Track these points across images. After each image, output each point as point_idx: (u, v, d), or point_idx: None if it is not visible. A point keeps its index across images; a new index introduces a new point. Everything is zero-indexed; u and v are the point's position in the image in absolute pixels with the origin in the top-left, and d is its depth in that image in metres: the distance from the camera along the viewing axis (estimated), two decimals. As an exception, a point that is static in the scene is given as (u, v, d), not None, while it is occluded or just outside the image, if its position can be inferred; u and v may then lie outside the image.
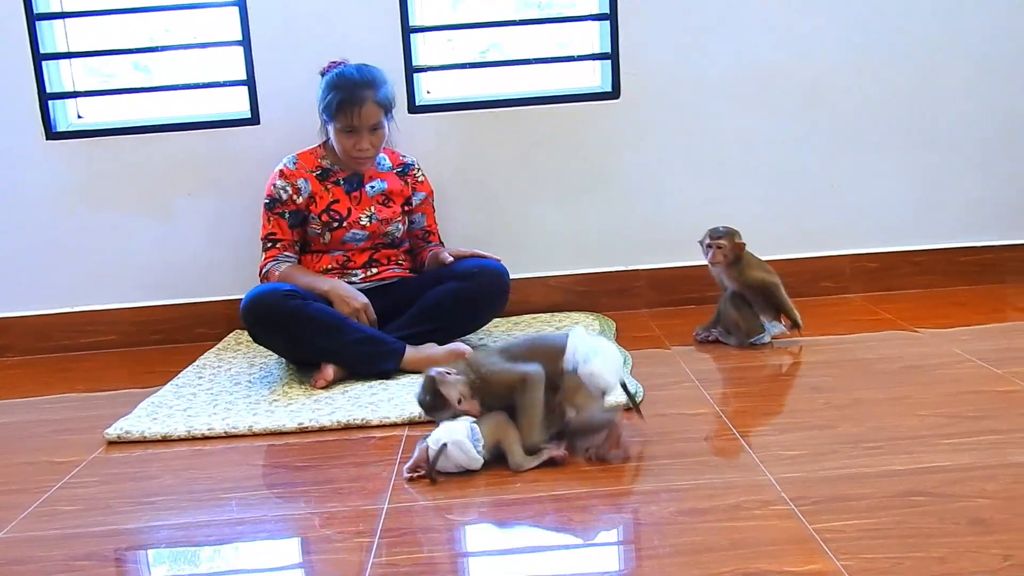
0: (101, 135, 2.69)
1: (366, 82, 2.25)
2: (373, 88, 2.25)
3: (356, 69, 2.29)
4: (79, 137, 2.69)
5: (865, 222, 2.78)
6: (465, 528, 1.43)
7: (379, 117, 2.27)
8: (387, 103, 2.30)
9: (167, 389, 2.20)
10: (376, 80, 2.27)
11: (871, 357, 2.15)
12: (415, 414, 1.88)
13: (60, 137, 2.68)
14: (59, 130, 2.69)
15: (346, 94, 2.23)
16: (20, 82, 2.63)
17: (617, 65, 2.67)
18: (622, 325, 2.57)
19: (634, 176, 2.73)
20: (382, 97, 2.27)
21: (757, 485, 1.49)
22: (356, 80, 2.25)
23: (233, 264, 2.70)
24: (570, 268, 2.78)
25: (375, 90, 2.26)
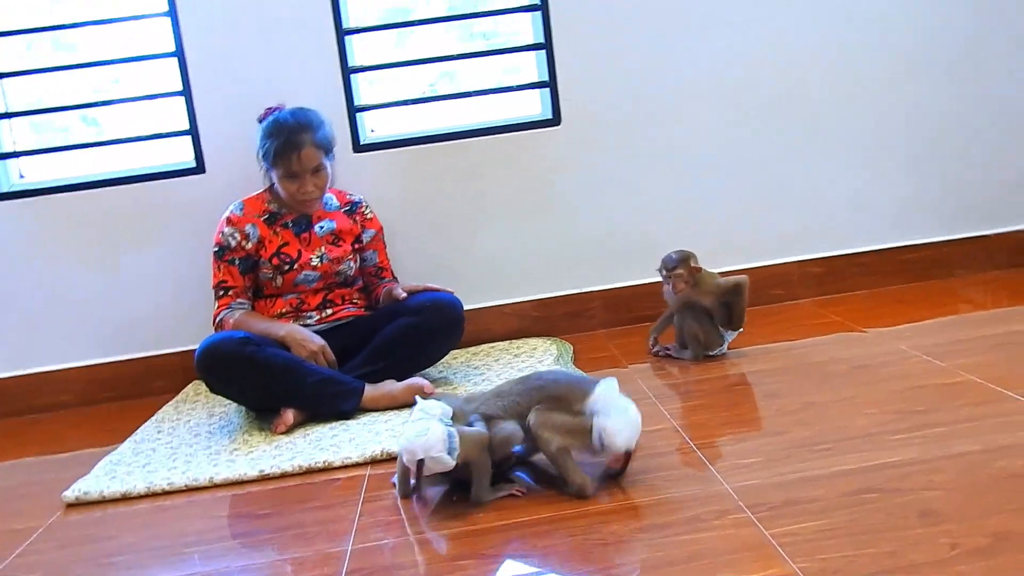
0: (45, 193, 2.67)
1: (302, 126, 2.26)
2: (310, 131, 2.27)
3: (291, 114, 2.30)
4: (22, 197, 2.67)
5: (809, 228, 2.85)
6: (430, 564, 1.44)
7: (319, 159, 2.28)
8: (326, 144, 2.31)
9: (125, 446, 2.17)
10: (313, 123, 2.29)
11: (821, 360, 2.20)
12: (377, 453, 1.89)
13: (3, 198, 2.66)
14: (1, 191, 2.67)
15: (283, 140, 2.24)
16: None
17: (556, 92, 2.73)
18: (579, 347, 2.60)
19: (580, 199, 2.78)
20: (320, 139, 2.28)
21: (715, 496, 1.52)
22: (292, 125, 2.26)
23: (186, 314, 2.69)
24: (525, 294, 2.82)
25: (312, 133, 2.27)
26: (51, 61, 2.71)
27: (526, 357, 2.52)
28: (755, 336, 2.47)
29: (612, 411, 1.56)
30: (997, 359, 2.03)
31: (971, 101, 2.83)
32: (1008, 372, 1.93)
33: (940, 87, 2.82)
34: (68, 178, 2.72)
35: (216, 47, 2.64)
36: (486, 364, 2.50)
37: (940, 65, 2.81)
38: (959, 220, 2.89)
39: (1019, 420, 1.67)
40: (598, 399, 1.57)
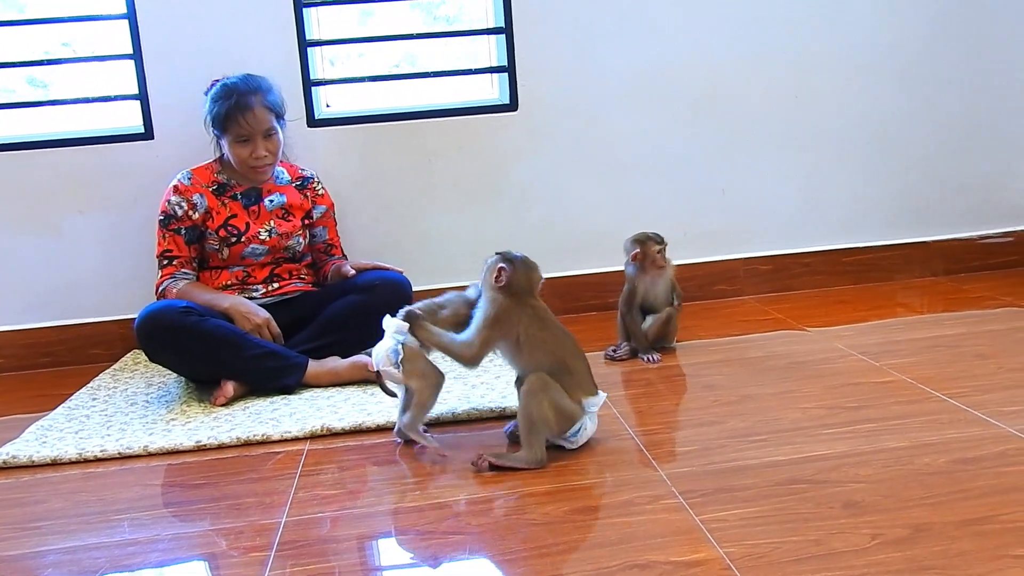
0: (-15, 152, 2.59)
1: (251, 89, 2.24)
2: (260, 93, 2.25)
3: (240, 78, 2.28)
4: (-40, 154, 2.58)
5: (756, 225, 2.90)
6: (362, 539, 1.43)
7: (271, 121, 2.26)
8: (276, 107, 2.29)
9: (58, 412, 2.13)
10: (262, 86, 2.27)
11: (760, 355, 2.24)
12: (317, 428, 1.87)
13: (-60, 154, 2.57)
14: (-61, 147, 2.58)
15: (233, 102, 2.22)
16: None
17: (514, 78, 2.73)
18: (526, 332, 2.61)
19: (532, 185, 2.79)
20: (271, 101, 2.26)
21: (649, 481, 1.54)
22: (241, 88, 2.24)
23: (128, 282, 2.63)
24: (472, 278, 2.78)
25: (263, 95, 2.25)
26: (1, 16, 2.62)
27: (472, 340, 2.51)
28: (697, 330, 2.50)
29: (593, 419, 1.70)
30: (927, 360, 2.09)
31: (918, 108, 2.90)
32: (937, 373, 1.98)
33: (888, 93, 2.88)
34: (11, 136, 2.64)
35: (169, 11, 2.58)
36: (432, 345, 2.49)
37: (889, 71, 2.87)
38: (901, 226, 2.96)
39: (944, 419, 1.72)
40: (596, 404, 1.69)
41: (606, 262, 2.82)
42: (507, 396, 1.98)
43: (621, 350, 2.31)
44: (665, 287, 2.34)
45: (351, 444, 1.84)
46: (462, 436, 1.83)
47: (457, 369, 2.19)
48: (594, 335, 2.51)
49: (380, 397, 2.04)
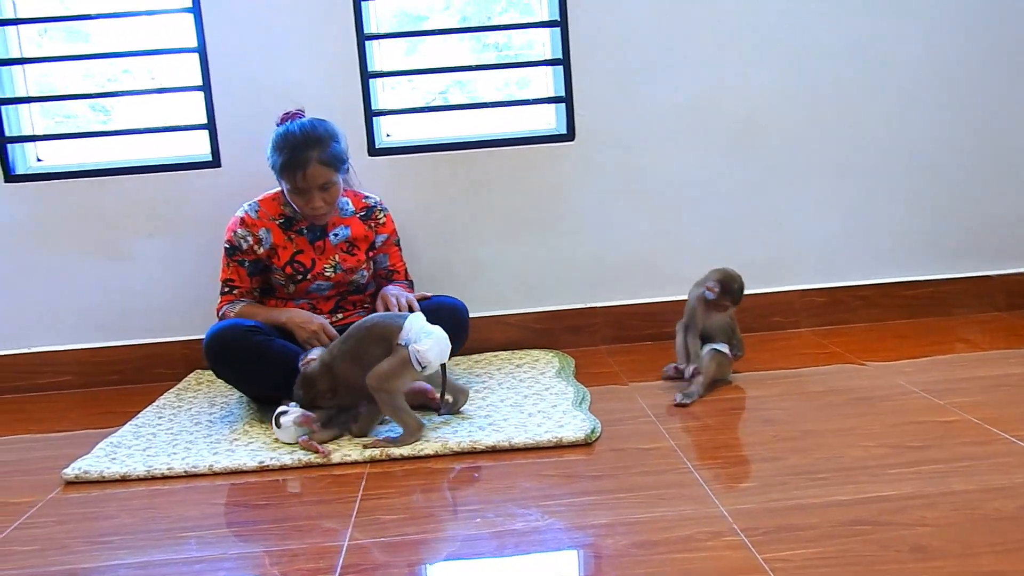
0: (61, 177, 2.69)
1: (309, 142, 2.19)
2: (318, 147, 2.19)
3: (300, 128, 2.22)
4: (39, 179, 2.68)
5: (810, 257, 2.87)
6: (424, 565, 1.44)
7: (327, 177, 2.21)
8: (334, 161, 2.22)
9: (126, 429, 2.18)
10: (322, 139, 2.21)
11: (820, 390, 2.21)
12: (376, 453, 1.90)
13: (19, 180, 2.67)
14: (18, 172, 2.68)
15: (289, 156, 2.18)
16: (-22, 125, 2.64)
17: (571, 108, 2.75)
18: (581, 362, 2.61)
19: (588, 215, 2.80)
20: (328, 156, 2.20)
21: (709, 517, 1.53)
22: (299, 141, 2.19)
23: (192, 305, 2.69)
24: (528, 306, 2.83)
25: (320, 150, 2.19)
26: (65, 50, 2.74)
27: (528, 368, 2.53)
28: (754, 362, 2.48)
29: (422, 336, 1.93)
30: (993, 400, 2.04)
31: (974, 136, 2.84)
32: (1003, 414, 1.94)
33: (943, 121, 2.83)
34: (85, 164, 2.73)
35: (238, 45, 2.65)
36: (488, 372, 2.51)
37: (942, 99, 2.82)
38: (960, 259, 2.90)
39: (1013, 462, 1.68)
40: (410, 329, 1.94)
41: (659, 292, 2.81)
42: (564, 425, 1.98)
43: (683, 370, 2.30)
44: (723, 322, 2.33)
45: (409, 469, 1.85)
46: (519, 465, 1.84)
47: (512, 398, 2.22)
48: (648, 365, 2.51)
49: (437, 424, 2.06)
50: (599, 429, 1.97)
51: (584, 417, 2.04)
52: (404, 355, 1.93)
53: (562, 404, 2.15)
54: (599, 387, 2.34)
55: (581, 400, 2.19)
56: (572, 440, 1.90)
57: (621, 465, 1.79)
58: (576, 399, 2.19)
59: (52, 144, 2.78)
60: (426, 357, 1.93)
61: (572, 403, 2.15)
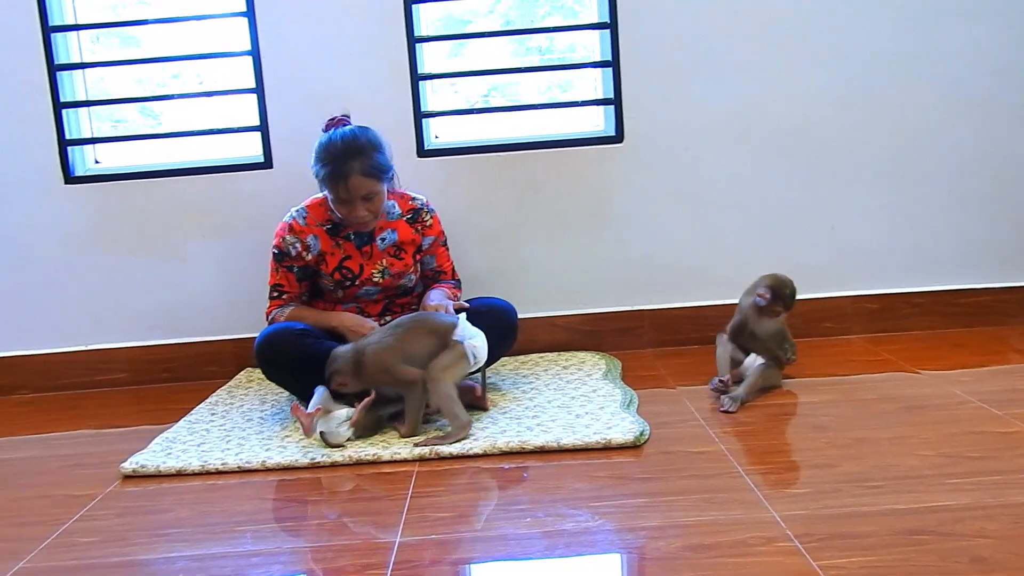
0: (118, 179, 2.76)
1: (351, 153, 2.17)
2: (360, 158, 2.18)
3: (342, 138, 2.21)
4: (96, 181, 2.76)
5: (865, 263, 2.83)
6: (476, 563, 1.46)
7: (369, 187, 2.20)
8: (376, 171, 2.20)
9: (180, 425, 2.23)
10: (364, 149, 2.19)
11: (872, 397, 2.18)
12: (425, 451, 1.92)
13: (78, 181, 2.75)
14: (77, 174, 2.76)
15: (331, 168, 2.18)
16: (42, 129, 2.72)
17: (620, 110, 2.75)
18: (627, 364, 2.61)
19: (636, 217, 2.79)
20: (370, 167, 2.19)
21: (762, 522, 1.52)
22: (340, 153, 2.18)
23: (244, 304, 2.74)
24: (575, 308, 2.83)
25: (362, 161, 2.18)
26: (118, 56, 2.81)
27: (575, 370, 2.53)
28: (804, 368, 2.45)
29: (473, 334, 2.07)
30: (1054, 410, 2.00)
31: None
32: (1066, 424, 1.90)
33: (1002, 126, 2.77)
34: (140, 165, 2.80)
35: (291, 48, 2.70)
36: (534, 373, 2.52)
37: (1001, 103, 2.76)
38: (1018, 267, 2.84)
39: (1076, 473, 1.64)
40: (463, 328, 2.06)
41: (707, 296, 2.80)
42: (613, 427, 1.98)
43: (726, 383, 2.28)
44: (774, 328, 2.31)
45: (458, 468, 1.87)
46: (567, 466, 1.84)
47: (560, 399, 2.22)
48: (695, 369, 2.50)
49: (485, 424, 2.08)
50: (648, 432, 1.97)
51: (633, 419, 2.03)
52: (461, 350, 2.03)
53: (610, 406, 2.15)
54: (646, 390, 2.34)
55: (629, 402, 2.18)
56: (621, 442, 1.90)
57: (671, 468, 1.79)
58: (624, 401, 2.19)
59: (108, 148, 2.85)
60: (480, 352, 2.06)
61: (620, 405, 2.15)
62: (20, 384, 2.80)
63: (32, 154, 2.73)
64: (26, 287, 2.78)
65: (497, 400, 2.27)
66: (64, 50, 2.75)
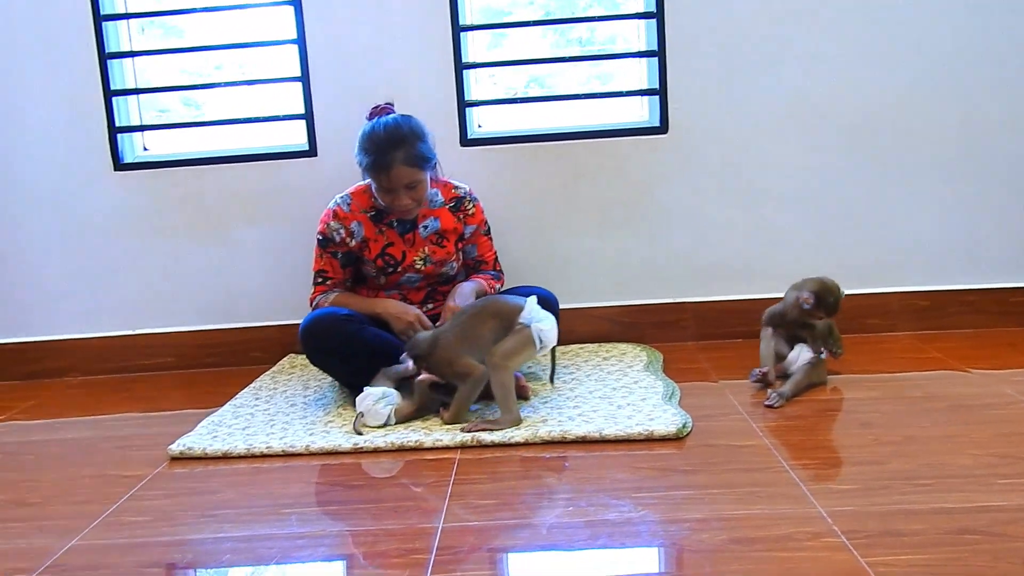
0: (165, 166, 2.81)
1: (394, 143, 2.19)
2: (403, 148, 2.19)
3: (385, 127, 2.23)
4: (145, 168, 2.81)
5: (915, 259, 2.78)
6: (518, 550, 1.46)
7: (412, 176, 2.22)
8: (419, 160, 2.22)
9: (225, 409, 2.27)
10: (407, 139, 2.21)
11: (920, 395, 2.15)
12: (467, 439, 1.93)
13: (127, 168, 2.80)
14: (126, 161, 2.81)
15: (374, 158, 2.20)
16: (92, 116, 2.77)
17: (666, 100, 2.73)
18: (669, 357, 2.60)
19: (680, 209, 2.78)
20: (413, 156, 2.20)
21: (808, 517, 1.50)
22: (383, 142, 2.20)
23: (288, 291, 2.78)
24: (616, 299, 2.83)
25: (405, 150, 2.19)
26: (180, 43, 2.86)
27: (615, 361, 2.53)
28: (850, 365, 2.42)
29: (542, 317, 2.04)
30: (1112, 411, 1.95)
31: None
32: (1124, 425, 1.85)
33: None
34: (187, 153, 2.84)
35: (336, 36, 2.72)
36: (575, 364, 2.52)
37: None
38: (1076, 265, 2.78)
39: None
40: (531, 310, 2.04)
41: (751, 289, 2.78)
42: (655, 419, 1.98)
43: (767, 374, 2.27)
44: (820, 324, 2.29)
45: (500, 456, 1.88)
46: (609, 456, 1.84)
47: (601, 390, 2.22)
48: (739, 363, 2.48)
49: (526, 412, 2.08)
50: (690, 424, 1.96)
51: (675, 411, 2.03)
52: (528, 334, 2.01)
53: (652, 398, 2.14)
54: (689, 383, 2.33)
55: (671, 395, 2.18)
56: (663, 434, 1.90)
57: (714, 461, 1.78)
58: (666, 393, 2.18)
59: (154, 137, 2.90)
60: (547, 336, 2.03)
61: (662, 397, 2.15)
62: (71, 367, 2.87)
63: (84, 141, 2.79)
64: (77, 272, 2.85)
65: (538, 389, 2.28)
66: (115, 39, 2.80)
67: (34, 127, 2.79)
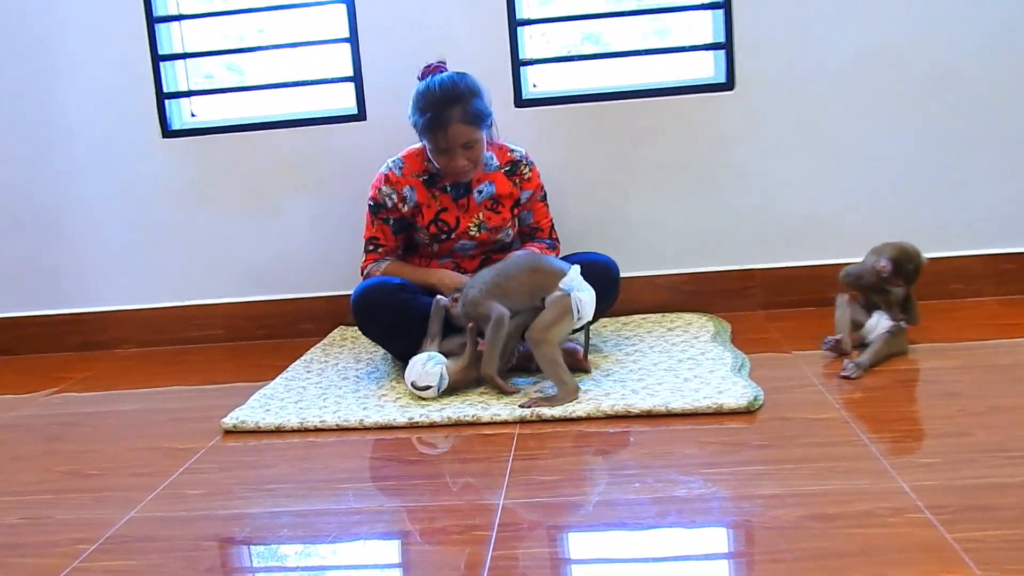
0: (213, 133, 2.85)
1: (450, 100, 2.19)
2: (459, 105, 2.20)
3: (440, 84, 2.23)
4: (193, 135, 2.85)
5: (1000, 220, 2.69)
6: (582, 528, 1.47)
7: (469, 135, 2.22)
8: (476, 118, 2.22)
9: (277, 382, 2.31)
10: (463, 95, 2.21)
11: (1008, 363, 2.09)
12: (526, 413, 1.93)
13: (175, 135, 2.85)
14: (174, 128, 2.86)
15: (430, 116, 2.20)
16: (140, 82, 2.82)
17: (732, 55, 2.67)
18: (737, 327, 2.57)
19: (747, 170, 2.73)
20: (470, 114, 2.21)
21: (889, 492, 1.48)
22: (439, 100, 2.20)
23: (338, 261, 2.81)
24: (680, 267, 2.79)
25: (462, 107, 2.20)
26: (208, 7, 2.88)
27: (680, 332, 2.51)
28: (931, 332, 2.36)
29: (583, 288, 2.03)
30: None
31: None
32: None
33: None
34: (235, 119, 2.88)
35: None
36: (637, 335, 2.51)
37: None
38: None
39: None
40: (572, 278, 2.03)
41: (824, 254, 2.72)
42: (724, 391, 1.96)
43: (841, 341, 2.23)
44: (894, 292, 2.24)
45: (560, 431, 1.88)
46: (676, 431, 1.83)
47: (666, 362, 2.21)
48: (812, 332, 2.43)
49: (588, 386, 2.08)
50: (762, 397, 1.94)
51: (745, 383, 2.00)
52: (567, 302, 2.00)
53: (720, 370, 2.12)
54: (758, 354, 2.29)
55: (740, 366, 2.15)
56: (733, 407, 1.88)
57: (787, 435, 1.75)
58: (735, 365, 2.16)
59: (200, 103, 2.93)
60: (585, 308, 2.02)
61: (731, 369, 2.13)
62: (124, 338, 2.95)
63: (133, 108, 2.84)
64: (127, 243, 2.91)
65: (599, 362, 2.27)
66: (163, 2, 2.84)
67: (83, 94, 2.85)
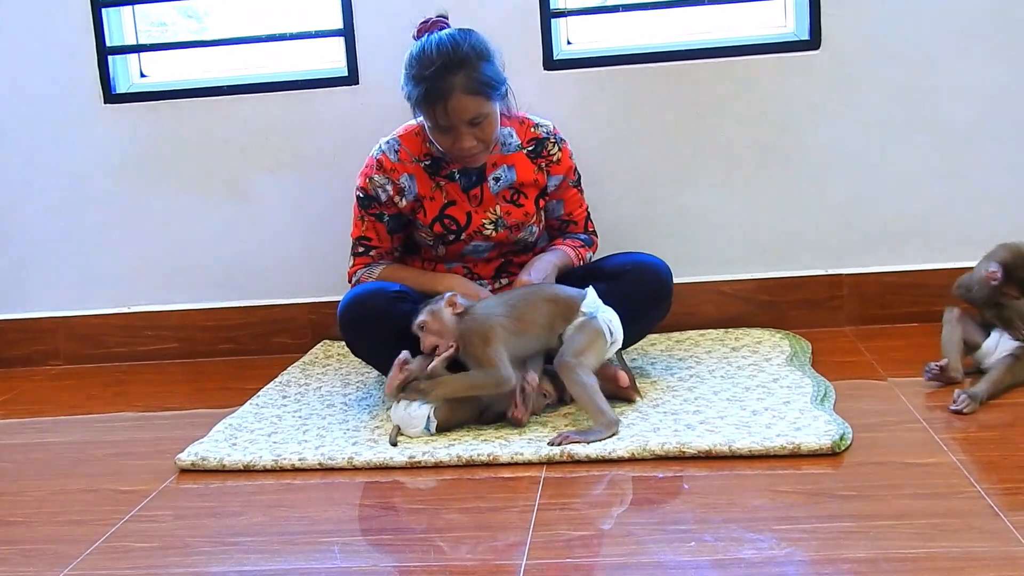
0: (168, 98, 2.89)
1: (450, 66, 2.15)
2: (462, 71, 2.16)
3: (438, 47, 2.18)
4: (143, 100, 2.90)
5: None
6: (624, 594, 1.48)
7: (477, 108, 2.19)
8: (484, 87, 2.19)
9: (246, 409, 2.35)
10: (466, 59, 2.17)
11: None
12: (555, 452, 1.95)
13: (121, 100, 2.90)
14: (120, 91, 2.91)
15: (426, 87, 2.17)
16: (76, 35, 2.87)
17: (817, 4, 2.68)
18: (819, 347, 2.58)
19: (836, 151, 2.74)
20: (475, 82, 2.17)
21: (1011, 558, 1.48)
22: (436, 66, 2.16)
23: (323, 258, 2.85)
24: (748, 271, 2.81)
25: (465, 74, 2.16)
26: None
27: (748, 352, 2.52)
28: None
29: (605, 308, 2.14)
30: None
31: None
32: None
33: None
34: (195, 80, 2.91)
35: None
36: (694, 356, 2.52)
37: None
38: None
39: None
40: (593, 300, 2.13)
41: (932, 257, 2.74)
42: (802, 428, 1.97)
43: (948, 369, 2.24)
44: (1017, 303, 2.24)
45: (596, 474, 1.90)
46: (742, 477, 1.84)
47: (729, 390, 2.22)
48: (914, 354, 2.44)
49: (632, 419, 2.09)
50: (850, 435, 1.95)
51: (828, 418, 2.01)
52: (595, 325, 2.09)
53: (797, 401, 2.13)
54: (847, 380, 2.31)
55: (823, 396, 2.16)
56: (814, 448, 1.88)
57: (882, 483, 1.76)
58: (816, 395, 2.17)
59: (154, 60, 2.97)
60: (616, 328, 2.12)
61: (811, 400, 2.14)
62: (52, 352, 3.01)
63: (66, 66, 2.89)
64: (58, 232, 2.97)
65: (646, 390, 2.29)
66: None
67: (3, 51, 2.89)
